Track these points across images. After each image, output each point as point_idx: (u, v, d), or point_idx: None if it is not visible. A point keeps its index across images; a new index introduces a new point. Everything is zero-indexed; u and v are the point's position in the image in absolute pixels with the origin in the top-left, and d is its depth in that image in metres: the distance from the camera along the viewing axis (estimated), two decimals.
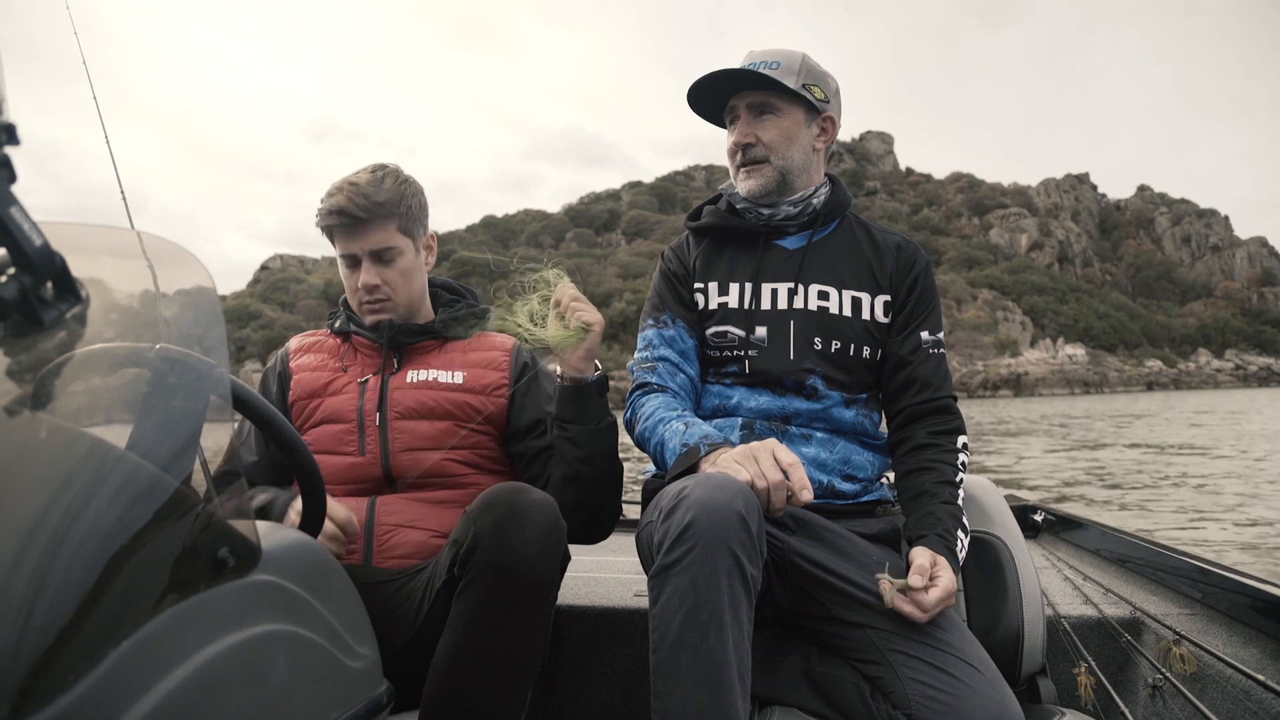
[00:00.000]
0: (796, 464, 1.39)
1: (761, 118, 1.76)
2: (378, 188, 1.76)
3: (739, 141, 1.77)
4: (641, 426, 1.69)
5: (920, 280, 1.78)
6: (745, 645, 1.30)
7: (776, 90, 1.73)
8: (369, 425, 1.74)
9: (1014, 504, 2.32)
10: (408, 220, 1.81)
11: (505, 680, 1.38)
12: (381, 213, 1.76)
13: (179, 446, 0.75)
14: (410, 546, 1.66)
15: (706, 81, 1.75)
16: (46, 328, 0.72)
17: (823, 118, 1.79)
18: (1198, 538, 7.68)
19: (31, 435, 0.70)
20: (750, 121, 1.76)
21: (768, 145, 1.76)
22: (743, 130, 1.77)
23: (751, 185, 1.78)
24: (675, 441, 1.57)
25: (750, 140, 1.76)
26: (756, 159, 1.76)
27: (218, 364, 0.84)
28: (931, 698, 1.33)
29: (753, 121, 1.76)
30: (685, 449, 1.53)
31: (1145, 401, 63.42)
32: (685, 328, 1.80)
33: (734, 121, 1.79)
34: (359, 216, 1.74)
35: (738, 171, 1.81)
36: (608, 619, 2.19)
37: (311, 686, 0.85)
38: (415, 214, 1.84)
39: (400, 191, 1.79)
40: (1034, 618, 1.69)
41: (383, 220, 1.77)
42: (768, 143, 1.75)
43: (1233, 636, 1.79)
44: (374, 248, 1.78)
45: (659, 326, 1.81)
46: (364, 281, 1.78)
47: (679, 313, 1.81)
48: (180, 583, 0.68)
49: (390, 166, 1.83)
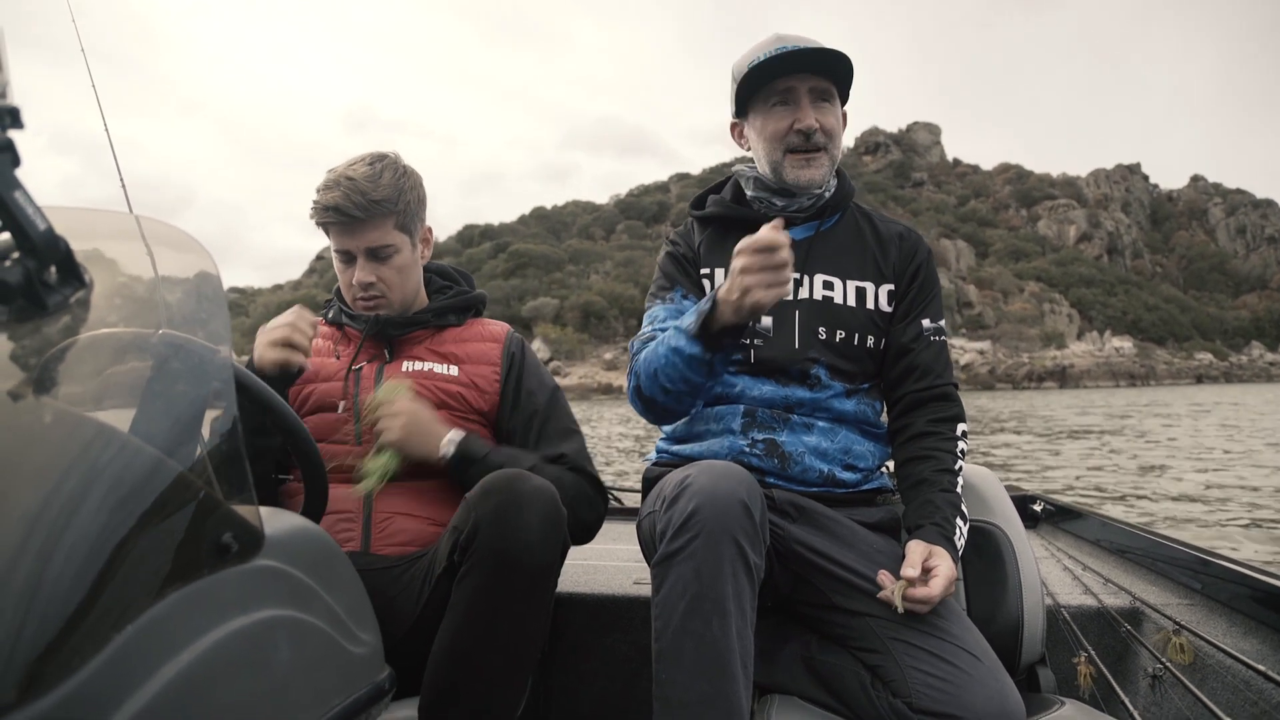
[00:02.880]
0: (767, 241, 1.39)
1: (821, 103, 1.68)
2: (375, 184, 1.70)
3: (808, 125, 1.66)
4: (644, 380, 1.63)
5: (922, 269, 1.77)
6: (748, 634, 1.30)
7: (840, 78, 1.68)
8: (365, 414, 1.73)
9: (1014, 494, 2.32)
10: (405, 217, 1.77)
11: (506, 666, 1.38)
12: (378, 211, 1.71)
13: (182, 431, 0.75)
14: (408, 534, 1.66)
15: (786, 57, 1.64)
16: (50, 312, 0.72)
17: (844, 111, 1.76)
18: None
19: (35, 420, 0.70)
20: (816, 106, 1.68)
21: (828, 133, 1.68)
22: (808, 113, 1.67)
23: (812, 175, 1.70)
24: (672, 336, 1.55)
25: (817, 126, 1.67)
26: (819, 146, 1.68)
27: (220, 349, 0.83)
28: (932, 686, 1.33)
29: (818, 106, 1.68)
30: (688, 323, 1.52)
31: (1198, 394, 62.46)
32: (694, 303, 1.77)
33: (784, 103, 1.69)
34: (355, 215, 1.70)
35: (788, 156, 1.70)
36: (608, 606, 2.19)
37: (314, 672, 0.85)
38: (413, 209, 1.80)
39: (398, 187, 1.74)
40: (1034, 607, 1.69)
41: (380, 219, 1.72)
42: (828, 130, 1.68)
43: (1233, 627, 1.79)
44: (370, 245, 1.74)
45: (667, 303, 1.76)
46: (359, 279, 1.76)
47: (689, 289, 1.77)
48: (183, 568, 0.68)
49: (389, 157, 1.78)
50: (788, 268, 1.38)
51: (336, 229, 1.74)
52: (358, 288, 1.77)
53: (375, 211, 1.71)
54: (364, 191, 1.69)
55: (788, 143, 1.69)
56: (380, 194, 1.70)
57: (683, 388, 1.57)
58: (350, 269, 1.78)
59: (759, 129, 1.73)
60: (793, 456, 1.64)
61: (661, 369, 1.57)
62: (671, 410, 1.67)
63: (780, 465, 1.63)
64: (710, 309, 1.47)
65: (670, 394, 1.60)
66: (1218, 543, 7.05)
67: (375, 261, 1.76)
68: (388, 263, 1.77)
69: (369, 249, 1.75)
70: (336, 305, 1.89)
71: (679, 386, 1.57)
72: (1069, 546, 2.67)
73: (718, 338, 1.49)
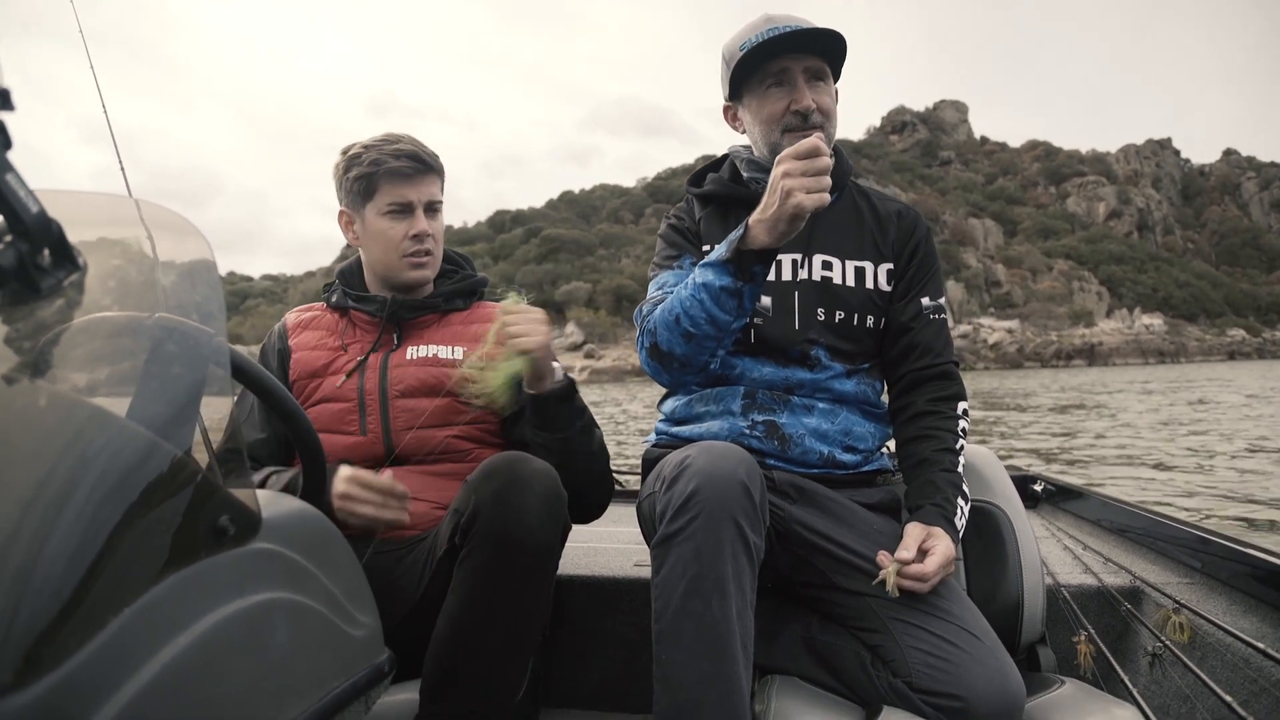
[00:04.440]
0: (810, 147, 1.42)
1: (816, 83, 1.67)
2: (425, 147, 1.80)
3: (805, 106, 1.65)
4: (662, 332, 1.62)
5: (921, 246, 1.76)
6: (748, 614, 1.30)
7: (833, 57, 1.67)
8: (370, 404, 1.73)
9: (1014, 474, 2.32)
10: (442, 181, 1.85)
11: (506, 649, 1.39)
12: (438, 166, 1.81)
13: (178, 415, 0.75)
14: (412, 518, 1.66)
15: (782, 38, 1.62)
16: (44, 296, 0.72)
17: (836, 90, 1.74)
18: None
19: (31, 403, 0.69)
20: (812, 86, 1.67)
21: (824, 113, 1.67)
22: (804, 94, 1.65)
23: None
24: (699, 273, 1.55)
25: (812, 105, 1.65)
26: (817, 125, 1.66)
27: (216, 332, 0.83)
28: (932, 666, 1.34)
29: (814, 86, 1.67)
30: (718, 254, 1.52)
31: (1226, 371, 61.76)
32: None
33: (779, 84, 1.67)
34: (427, 164, 1.78)
35: (786, 136, 1.66)
36: (608, 589, 2.20)
37: (313, 654, 0.85)
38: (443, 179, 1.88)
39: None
40: (1034, 587, 1.69)
41: (434, 175, 1.81)
42: (824, 110, 1.67)
43: (1232, 605, 1.80)
44: (430, 199, 1.79)
45: (675, 270, 1.75)
46: (420, 229, 1.77)
47: (698, 257, 1.75)
48: (181, 551, 0.68)
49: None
50: (828, 175, 1.41)
51: (400, 181, 1.76)
52: (412, 241, 1.78)
53: (436, 165, 1.80)
54: (423, 147, 1.79)
55: (785, 123, 1.67)
56: (432, 153, 1.80)
57: (708, 330, 1.55)
58: (403, 223, 1.77)
59: (754, 111, 1.71)
60: (793, 438, 1.64)
61: (685, 311, 1.55)
62: (690, 362, 1.63)
63: (780, 447, 1.63)
64: (742, 234, 1.49)
65: (693, 340, 1.58)
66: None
67: (430, 215, 1.80)
68: (436, 219, 1.82)
69: (429, 202, 1.79)
70: (341, 289, 1.87)
71: (704, 329, 1.55)
72: (1069, 526, 2.67)
73: (748, 267, 1.49)
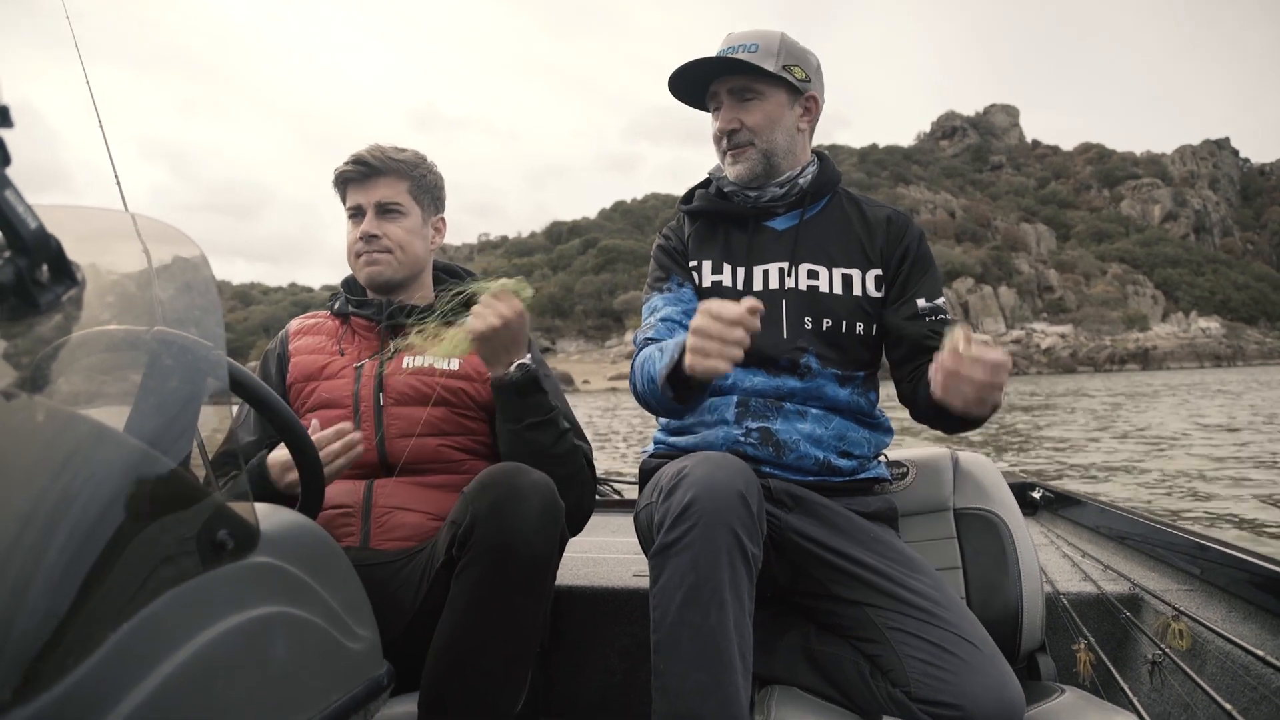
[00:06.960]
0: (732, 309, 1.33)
1: (744, 102, 1.74)
2: (399, 151, 1.83)
3: (723, 128, 1.76)
4: (639, 388, 1.65)
5: (911, 250, 1.77)
6: (746, 624, 1.30)
7: (756, 74, 1.72)
8: (365, 411, 1.73)
9: (1012, 481, 2.32)
10: (420, 187, 1.85)
11: (505, 660, 1.39)
12: (394, 168, 1.81)
13: (176, 429, 0.75)
14: (408, 529, 1.66)
15: (686, 70, 1.73)
16: (42, 311, 0.72)
17: (805, 97, 1.77)
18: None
19: (29, 418, 0.69)
20: (733, 107, 1.75)
21: (752, 129, 1.74)
22: (726, 116, 1.75)
23: (739, 170, 1.76)
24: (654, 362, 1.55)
25: (734, 125, 1.74)
26: (741, 143, 1.75)
27: (214, 346, 0.83)
28: (931, 675, 1.34)
29: (735, 106, 1.75)
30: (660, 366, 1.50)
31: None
32: (691, 290, 1.79)
33: (717, 107, 1.78)
34: (373, 165, 1.79)
35: (724, 156, 1.79)
36: (607, 599, 2.20)
37: (311, 668, 0.85)
38: (429, 185, 1.88)
39: (419, 159, 1.85)
40: (1033, 595, 1.69)
41: (394, 176, 1.81)
42: (751, 126, 1.74)
43: (1232, 612, 1.80)
44: (381, 200, 1.80)
45: (664, 292, 1.79)
46: (364, 230, 1.79)
47: (685, 278, 1.80)
48: (179, 565, 0.68)
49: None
50: (739, 347, 1.32)
51: (352, 186, 1.81)
52: (361, 242, 1.80)
53: (391, 167, 1.80)
54: (385, 151, 1.80)
55: (722, 144, 1.79)
56: (401, 157, 1.81)
57: (669, 408, 1.59)
58: (358, 226, 1.81)
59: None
60: (787, 444, 1.64)
61: (648, 389, 1.59)
62: (669, 414, 1.68)
63: (775, 453, 1.64)
64: (680, 357, 1.43)
65: (660, 411, 1.66)
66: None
67: (383, 216, 1.81)
68: (395, 222, 1.82)
69: (379, 203, 1.80)
70: (344, 296, 1.90)
71: (666, 407, 1.59)
72: (1068, 533, 2.67)
73: (685, 386, 1.47)
